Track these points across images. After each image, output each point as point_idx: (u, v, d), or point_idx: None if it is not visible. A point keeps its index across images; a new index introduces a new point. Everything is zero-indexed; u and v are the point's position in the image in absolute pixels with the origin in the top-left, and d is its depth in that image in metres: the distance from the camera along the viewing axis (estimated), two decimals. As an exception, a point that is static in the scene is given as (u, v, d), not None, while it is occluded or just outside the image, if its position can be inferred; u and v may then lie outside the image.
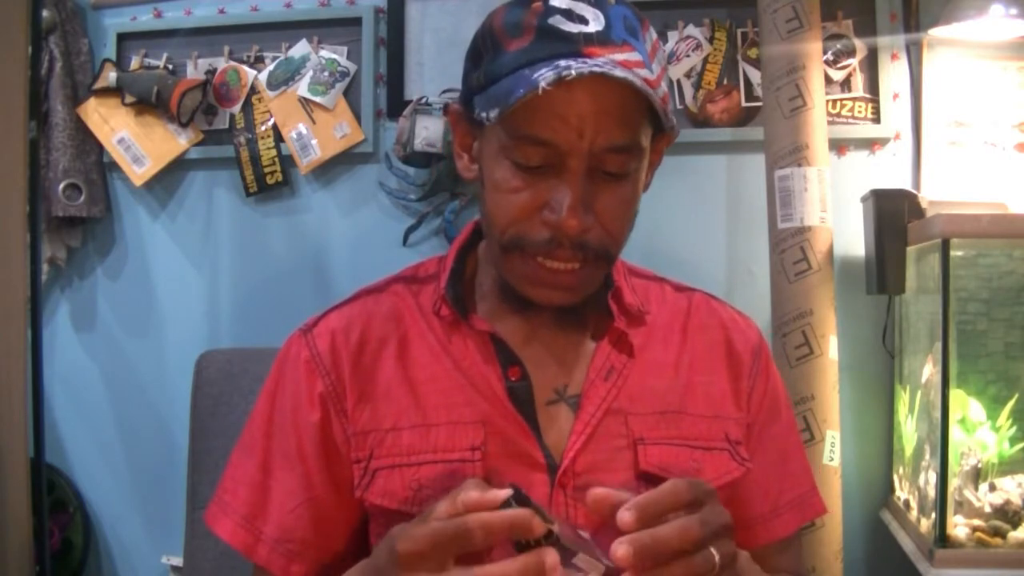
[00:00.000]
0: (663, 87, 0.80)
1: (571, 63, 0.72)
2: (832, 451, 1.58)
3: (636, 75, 0.74)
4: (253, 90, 2.01)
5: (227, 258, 2.07)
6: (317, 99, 1.97)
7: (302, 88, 1.98)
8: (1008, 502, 1.41)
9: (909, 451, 1.65)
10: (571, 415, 0.83)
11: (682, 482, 0.67)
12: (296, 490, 0.85)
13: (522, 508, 0.64)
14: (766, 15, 1.67)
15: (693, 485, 0.67)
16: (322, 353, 0.86)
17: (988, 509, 1.42)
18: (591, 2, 0.77)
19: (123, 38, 2.07)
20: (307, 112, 1.98)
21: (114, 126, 2.03)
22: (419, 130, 1.82)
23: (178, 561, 1.91)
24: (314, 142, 1.97)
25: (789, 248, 1.63)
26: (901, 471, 1.71)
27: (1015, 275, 1.55)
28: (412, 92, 1.94)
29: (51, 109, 1.99)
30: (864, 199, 1.70)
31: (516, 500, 0.64)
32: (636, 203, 0.82)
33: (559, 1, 0.77)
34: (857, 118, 1.81)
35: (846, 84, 1.82)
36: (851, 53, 1.80)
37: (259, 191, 2.01)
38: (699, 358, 0.90)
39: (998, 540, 1.38)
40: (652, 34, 0.80)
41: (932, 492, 1.44)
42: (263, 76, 2.00)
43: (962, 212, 1.50)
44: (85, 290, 2.13)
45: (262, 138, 2.00)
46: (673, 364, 0.88)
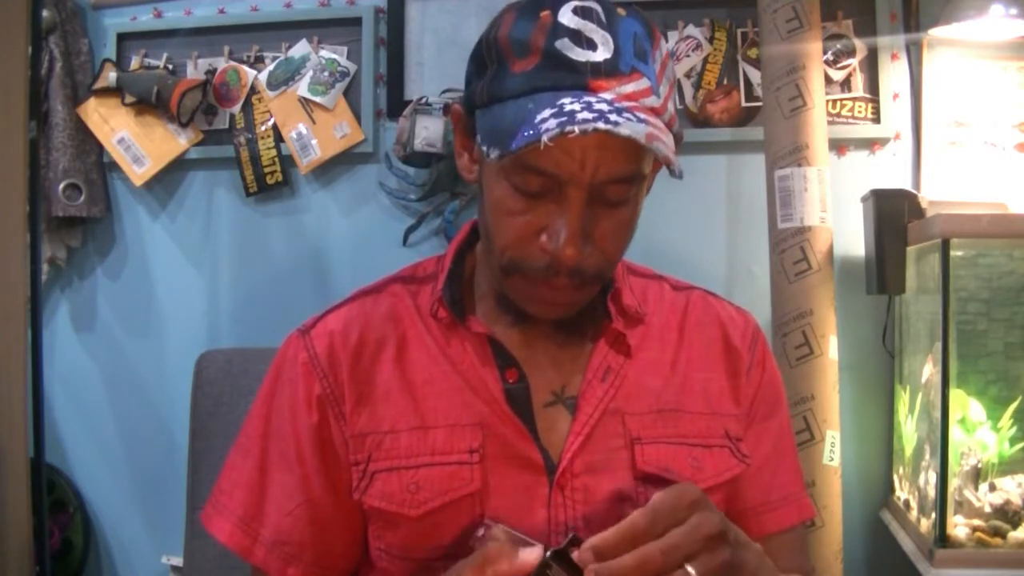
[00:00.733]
0: (670, 109, 0.78)
1: (575, 108, 0.70)
2: (832, 451, 1.58)
3: (643, 105, 0.73)
4: (253, 90, 2.01)
5: (227, 258, 2.07)
6: (317, 99, 1.97)
7: (302, 88, 1.98)
8: (1008, 502, 1.41)
9: (909, 451, 1.65)
10: (568, 416, 0.83)
11: (639, 514, 0.66)
12: (293, 492, 0.84)
13: None
14: (766, 15, 1.67)
15: (654, 512, 0.66)
16: (320, 355, 0.86)
17: (988, 509, 1.42)
18: (600, 22, 0.74)
19: (123, 38, 2.07)
20: (307, 112, 1.98)
21: (114, 126, 2.03)
22: (419, 130, 1.82)
23: (178, 561, 1.91)
24: (314, 142, 1.97)
25: (789, 248, 1.63)
26: (901, 471, 1.71)
27: (1015, 275, 1.55)
28: (412, 92, 1.94)
29: (51, 109, 1.99)
30: (864, 199, 1.70)
31: (573, 543, 0.66)
32: (635, 223, 0.81)
33: (568, 19, 0.74)
34: (857, 118, 1.81)
35: (846, 84, 1.81)
36: (851, 53, 1.80)
37: (259, 191, 2.01)
38: (697, 356, 0.90)
39: (998, 540, 1.38)
40: (663, 48, 0.79)
41: (932, 492, 1.44)
42: (263, 76, 2.00)
43: (962, 212, 1.51)
44: (85, 290, 2.13)
45: (262, 138, 1.99)
46: (670, 363, 0.88)
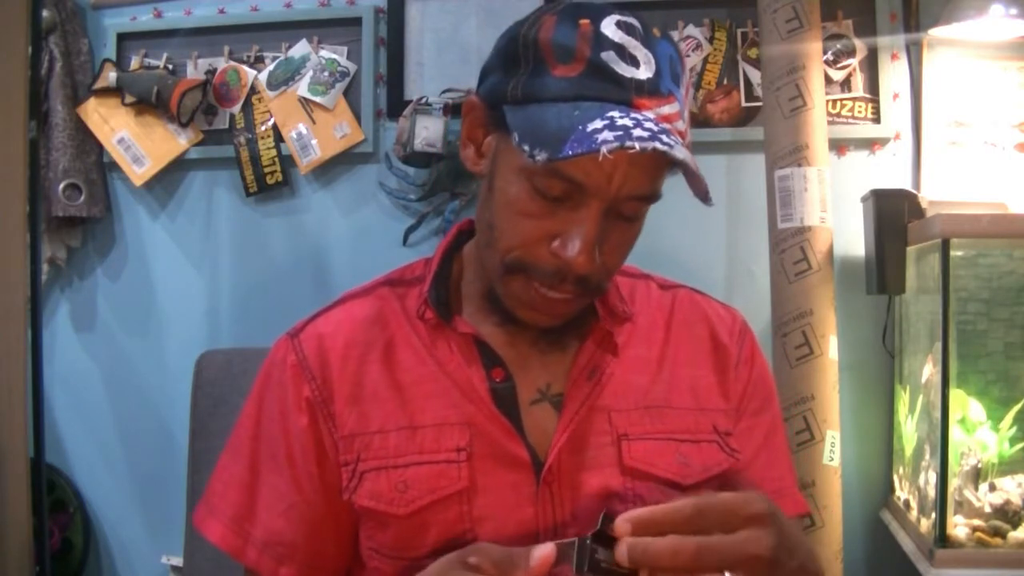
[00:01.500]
0: (688, 135, 0.79)
1: (627, 123, 0.70)
2: (832, 451, 1.58)
3: (675, 128, 0.74)
4: (253, 90, 2.01)
5: (227, 258, 2.07)
6: (317, 99, 1.97)
7: (302, 88, 1.98)
8: (1008, 502, 1.41)
9: (909, 451, 1.65)
10: (555, 414, 0.84)
11: (687, 502, 0.65)
12: (285, 493, 0.85)
13: None
14: (766, 15, 1.67)
15: (702, 507, 0.65)
16: (309, 358, 0.86)
17: (988, 509, 1.42)
18: (642, 39, 0.75)
19: (123, 38, 2.07)
20: (307, 112, 1.98)
21: (114, 126, 2.03)
22: (419, 130, 1.82)
23: (178, 561, 1.91)
24: (314, 142, 1.97)
25: (789, 248, 1.63)
26: (901, 471, 1.71)
27: (1015, 275, 1.55)
28: (412, 92, 1.94)
29: (51, 109, 1.99)
30: (864, 199, 1.70)
31: (605, 520, 0.66)
32: (637, 239, 0.82)
33: (611, 31, 0.74)
34: (857, 118, 1.81)
35: (846, 84, 1.81)
36: (851, 53, 1.80)
37: (259, 191, 2.01)
38: (684, 352, 0.90)
39: (998, 540, 1.38)
40: (686, 72, 0.80)
41: (932, 492, 1.44)
42: (263, 76, 2.00)
43: (962, 212, 1.51)
44: (85, 290, 2.13)
45: (262, 138, 1.99)
46: (657, 360, 0.89)
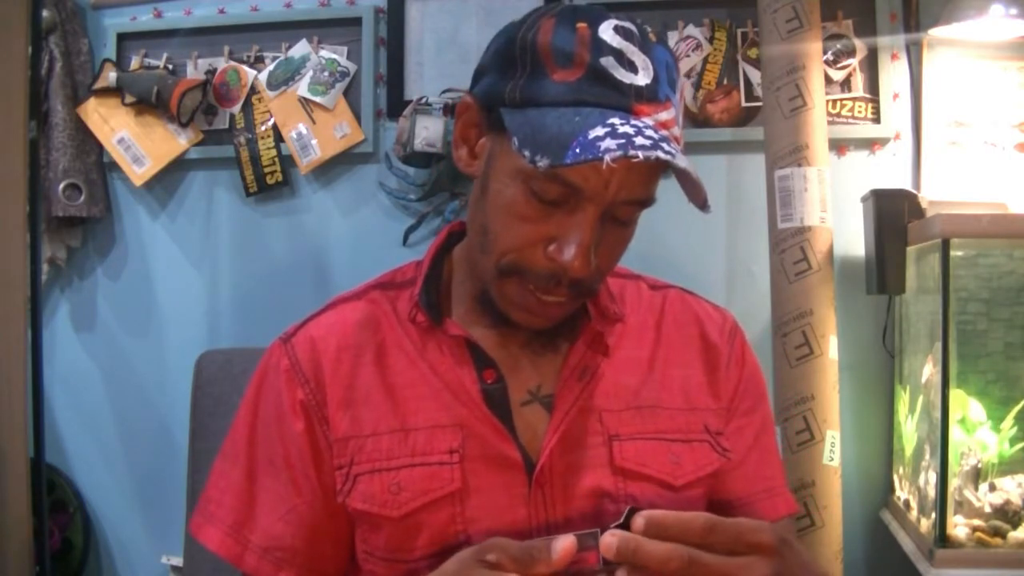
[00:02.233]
0: (682, 141, 0.79)
1: (628, 131, 0.70)
2: (832, 451, 1.58)
3: (672, 133, 0.75)
4: (253, 90, 2.01)
5: (227, 258, 2.07)
6: (317, 99, 1.97)
7: (302, 88, 1.98)
8: (1008, 502, 1.41)
9: (909, 451, 1.65)
10: (546, 415, 0.84)
11: (703, 516, 0.65)
12: (282, 497, 0.85)
13: None
14: (766, 15, 1.67)
15: (715, 524, 0.65)
16: (302, 362, 0.87)
17: (988, 509, 1.42)
18: (639, 44, 0.75)
19: (123, 38, 2.07)
20: (307, 112, 1.98)
21: (114, 126, 2.03)
22: (419, 130, 1.82)
23: (178, 561, 1.91)
24: (314, 142, 1.97)
25: (789, 248, 1.63)
26: (901, 471, 1.71)
27: (1015, 275, 1.55)
28: (412, 92, 1.94)
29: (51, 109, 1.99)
30: (864, 199, 1.70)
31: (630, 513, 0.65)
32: (630, 241, 0.82)
33: (610, 36, 0.74)
34: (857, 118, 1.81)
35: (846, 84, 1.81)
36: (851, 53, 1.80)
37: (259, 191, 2.01)
38: (675, 353, 0.91)
39: (998, 540, 1.38)
40: (681, 76, 0.80)
41: (932, 492, 1.44)
42: (263, 76, 2.00)
43: (962, 212, 1.51)
44: (85, 290, 2.13)
45: (262, 138, 1.99)
46: (648, 360, 0.89)
